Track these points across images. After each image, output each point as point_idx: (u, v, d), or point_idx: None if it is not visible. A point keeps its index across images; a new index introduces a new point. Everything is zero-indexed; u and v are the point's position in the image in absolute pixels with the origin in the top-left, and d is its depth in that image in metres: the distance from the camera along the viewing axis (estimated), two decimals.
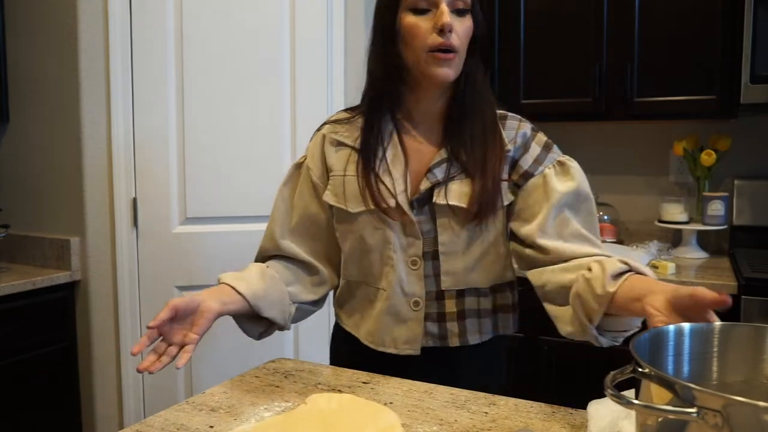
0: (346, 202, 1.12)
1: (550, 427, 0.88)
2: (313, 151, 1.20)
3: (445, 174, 1.09)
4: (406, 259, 1.11)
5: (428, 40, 1.03)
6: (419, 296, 1.11)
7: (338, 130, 1.17)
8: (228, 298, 1.09)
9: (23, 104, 2.26)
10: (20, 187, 2.31)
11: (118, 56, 2.10)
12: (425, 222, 1.10)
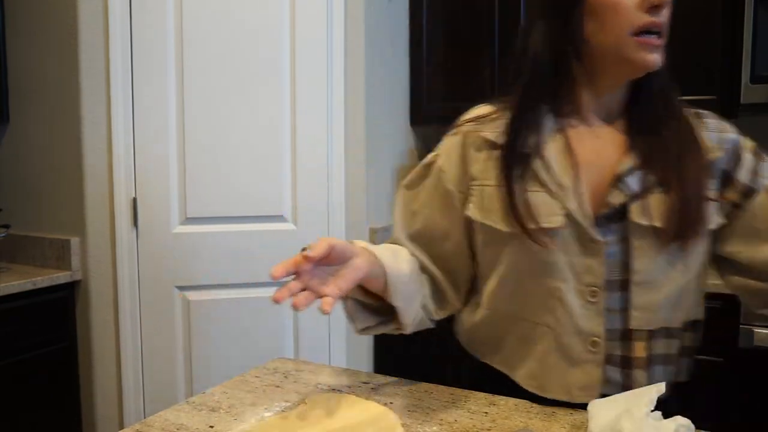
0: (497, 219, 0.91)
1: (550, 427, 0.88)
2: (450, 153, 0.98)
3: (641, 185, 0.87)
4: (581, 289, 0.89)
5: (634, 20, 0.84)
6: (597, 335, 0.89)
7: (484, 129, 0.95)
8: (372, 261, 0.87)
9: (23, 104, 2.26)
10: (20, 187, 2.31)
11: (118, 56, 2.10)
12: (611, 243, 0.88)
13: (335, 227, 2.32)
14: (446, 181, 0.98)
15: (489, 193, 0.92)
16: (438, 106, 2.66)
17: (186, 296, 2.21)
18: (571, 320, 0.90)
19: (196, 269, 2.20)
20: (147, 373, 2.21)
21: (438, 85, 2.65)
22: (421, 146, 2.84)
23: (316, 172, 2.27)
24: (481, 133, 0.95)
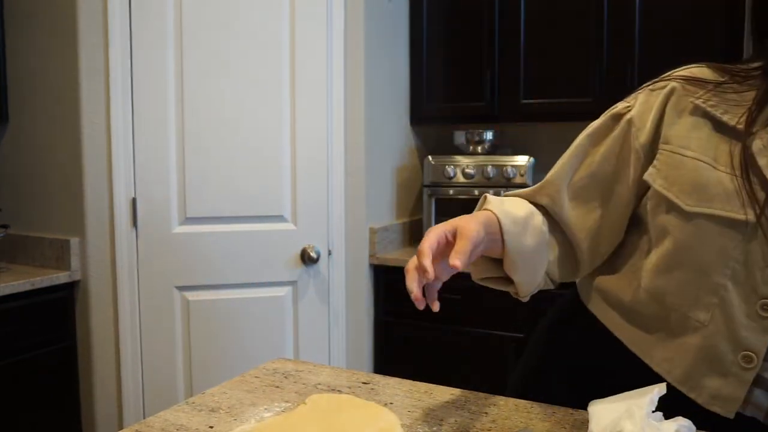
0: (680, 193, 0.82)
1: (550, 427, 0.88)
2: (647, 107, 0.88)
3: None
4: (752, 299, 0.78)
5: None
6: (757, 352, 0.78)
7: (700, 94, 0.84)
8: (492, 231, 0.83)
9: (23, 104, 2.26)
10: (20, 187, 2.31)
11: (118, 56, 2.10)
12: None
13: (335, 227, 2.33)
14: (634, 138, 0.88)
15: (679, 163, 0.83)
16: (438, 106, 2.66)
17: (186, 296, 2.21)
18: (728, 326, 0.80)
19: (196, 269, 2.20)
20: (147, 373, 2.21)
21: (438, 85, 2.65)
22: (421, 146, 2.84)
23: (316, 172, 2.27)
24: (693, 99, 0.84)
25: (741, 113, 0.80)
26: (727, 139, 0.81)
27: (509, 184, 2.46)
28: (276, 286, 2.26)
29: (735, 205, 0.78)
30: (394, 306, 2.44)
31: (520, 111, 2.49)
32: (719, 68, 0.87)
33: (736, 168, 0.79)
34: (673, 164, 0.83)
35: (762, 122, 0.79)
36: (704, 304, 0.81)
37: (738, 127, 0.80)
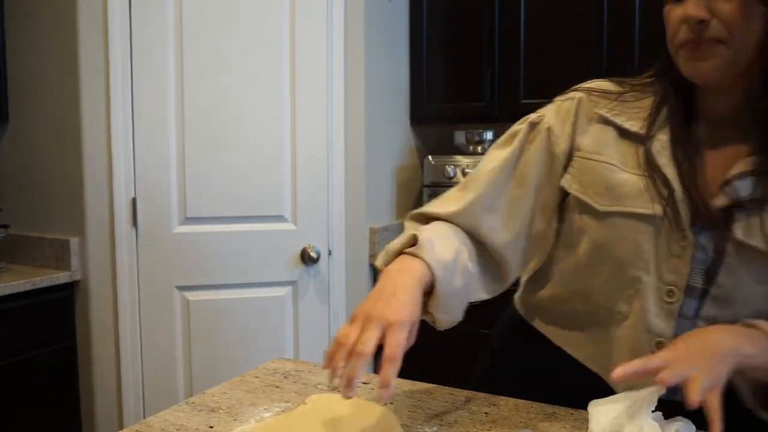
0: (594, 195, 0.89)
1: (550, 427, 0.88)
2: (560, 117, 0.95)
3: (752, 192, 0.79)
4: (660, 287, 0.85)
5: (677, 34, 0.82)
6: (666, 337, 0.85)
7: (605, 104, 0.92)
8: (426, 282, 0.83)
9: (23, 104, 2.26)
10: (20, 187, 2.31)
11: (118, 56, 2.10)
12: (704, 248, 0.83)
13: (335, 227, 2.33)
14: (555, 146, 0.94)
15: (591, 167, 0.90)
16: (438, 106, 2.66)
17: (186, 296, 2.21)
18: (641, 315, 0.87)
19: (196, 269, 2.20)
20: (147, 373, 2.21)
21: (438, 85, 2.65)
22: (421, 146, 2.84)
23: (316, 172, 2.27)
24: (598, 109, 0.92)
25: (641, 119, 0.88)
26: (631, 143, 0.88)
27: None
28: (276, 286, 2.26)
29: (644, 202, 0.85)
30: None
31: (520, 111, 2.45)
32: (620, 81, 0.95)
33: (642, 168, 0.86)
34: (585, 169, 0.91)
35: (659, 125, 0.87)
36: (625, 297, 0.89)
37: (640, 132, 0.88)
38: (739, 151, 0.83)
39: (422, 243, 0.84)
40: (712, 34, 0.78)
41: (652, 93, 0.90)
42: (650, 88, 0.91)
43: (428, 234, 0.87)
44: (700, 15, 0.78)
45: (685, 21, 0.80)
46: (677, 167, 0.83)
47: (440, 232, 0.90)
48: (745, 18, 0.77)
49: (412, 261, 0.84)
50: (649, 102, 0.89)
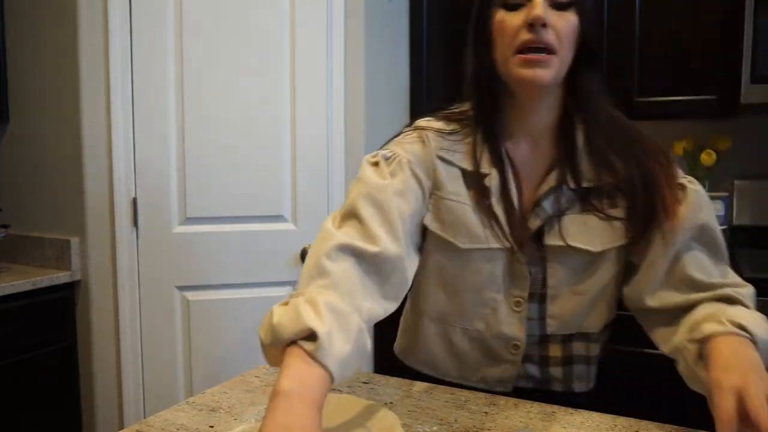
0: (455, 234, 0.96)
1: (550, 427, 0.88)
2: (417, 153, 0.97)
3: (554, 207, 0.94)
4: (509, 300, 0.98)
5: (516, 38, 0.88)
6: (519, 340, 1.00)
7: (443, 145, 0.98)
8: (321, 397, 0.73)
9: (23, 104, 2.26)
10: (20, 187, 2.31)
11: (118, 56, 2.10)
12: (533, 261, 0.96)
13: None
14: (420, 177, 0.96)
15: (450, 208, 0.97)
16: (438, 106, 2.66)
17: (186, 296, 2.21)
18: (498, 327, 1.00)
19: (196, 269, 2.20)
20: (147, 372, 2.21)
21: (438, 85, 2.65)
22: None
23: (316, 172, 2.27)
24: (442, 153, 0.98)
25: (471, 157, 0.96)
26: (471, 182, 0.96)
27: None
28: (276, 286, 2.26)
29: (495, 237, 0.95)
30: None
31: None
32: (445, 117, 1.02)
33: (482, 206, 0.95)
34: (444, 209, 0.97)
35: (486, 163, 0.95)
36: (480, 316, 1.00)
37: (473, 170, 0.96)
38: (545, 164, 0.96)
39: (322, 343, 0.72)
40: (549, 40, 0.86)
41: (471, 125, 0.98)
42: (468, 120, 0.99)
43: (327, 325, 0.74)
44: (545, 17, 0.85)
45: (533, 21, 0.85)
46: (505, 205, 0.94)
47: (338, 310, 0.77)
48: (572, 33, 0.88)
49: (310, 369, 0.72)
50: (471, 137, 0.97)
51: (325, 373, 0.73)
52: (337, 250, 0.84)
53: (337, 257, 0.84)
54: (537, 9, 0.85)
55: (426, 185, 0.97)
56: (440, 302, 1.03)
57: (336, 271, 0.82)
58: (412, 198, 0.94)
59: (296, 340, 0.73)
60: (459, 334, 1.03)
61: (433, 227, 0.98)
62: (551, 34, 0.87)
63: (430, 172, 0.97)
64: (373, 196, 0.91)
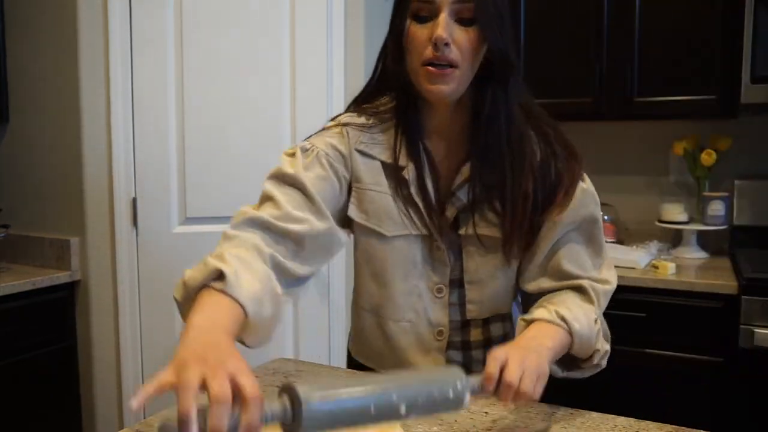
0: (380, 222, 1.02)
1: (550, 427, 0.88)
2: (336, 146, 1.02)
3: (468, 197, 1.00)
4: (431, 287, 1.04)
5: (422, 52, 0.93)
6: (443, 325, 1.05)
7: (362, 139, 1.03)
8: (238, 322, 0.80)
9: (23, 104, 2.26)
10: (20, 187, 2.31)
11: (118, 56, 2.10)
12: (451, 248, 1.03)
13: None
14: (337, 169, 1.00)
15: (371, 198, 1.02)
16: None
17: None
18: (425, 314, 1.05)
19: None
20: (147, 372, 2.21)
21: None
22: None
23: None
24: (361, 146, 1.02)
25: (390, 149, 1.01)
26: (391, 173, 1.01)
27: None
28: None
29: (415, 224, 1.01)
30: None
31: None
32: (366, 112, 1.05)
33: (401, 196, 1.01)
34: (366, 199, 1.02)
35: (404, 156, 1.00)
36: (410, 305, 1.04)
37: (392, 162, 1.01)
38: (459, 157, 1.02)
39: (229, 279, 0.76)
40: (451, 57, 0.91)
41: (392, 120, 1.02)
42: (389, 115, 1.03)
43: (233, 265, 0.78)
44: (447, 37, 0.90)
45: (436, 40, 0.90)
46: (423, 194, 1.00)
47: (244, 258, 0.82)
48: (474, 47, 0.93)
49: (220, 302, 0.76)
50: (391, 132, 1.02)
51: (236, 305, 0.76)
52: (244, 222, 0.90)
53: (245, 228, 0.89)
54: (440, 29, 0.90)
55: (343, 178, 1.01)
56: (373, 294, 1.07)
57: (243, 235, 0.88)
58: (328, 188, 0.98)
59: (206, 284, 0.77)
60: (392, 327, 1.06)
61: (359, 218, 1.02)
62: (453, 51, 0.92)
63: (348, 165, 1.02)
64: (286, 179, 0.97)
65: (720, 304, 1.94)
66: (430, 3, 0.91)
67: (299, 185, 0.96)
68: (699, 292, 1.96)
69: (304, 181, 0.96)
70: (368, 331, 1.10)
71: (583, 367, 0.99)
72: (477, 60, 0.95)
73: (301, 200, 0.95)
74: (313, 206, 0.95)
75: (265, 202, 0.96)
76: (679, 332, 1.99)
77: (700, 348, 1.97)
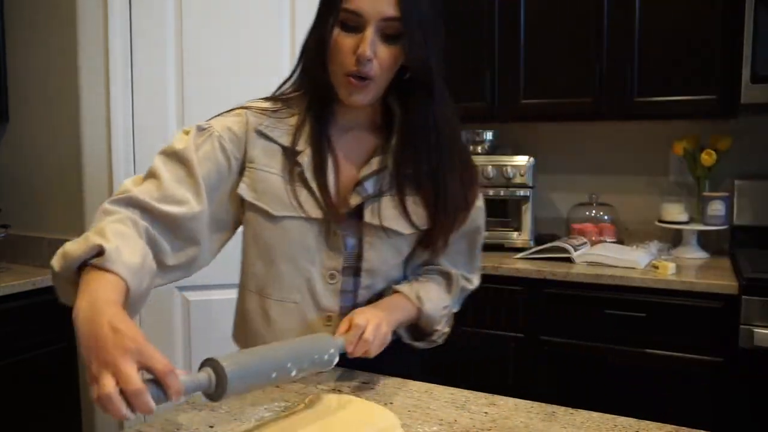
0: (269, 202, 1.03)
1: (550, 427, 0.88)
2: (232, 128, 1.04)
3: (375, 188, 1.05)
4: (324, 272, 1.06)
5: (346, 63, 0.97)
6: (333, 311, 1.07)
7: (264, 122, 1.05)
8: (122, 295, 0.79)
9: (23, 104, 2.27)
10: (20, 187, 2.31)
11: (118, 56, 2.10)
12: (350, 236, 1.06)
13: None
14: (229, 150, 1.02)
15: (263, 178, 1.03)
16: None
17: (186, 296, 2.21)
18: (313, 298, 1.06)
19: None
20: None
21: None
22: None
23: None
24: (261, 128, 1.04)
25: (291, 135, 1.04)
26: (288, 156, 1.03)
27: (509, 184, 2.46)
28: None
29: (307, 207, 1.03)
30: None
31: (520, 111, 2.49)
32: (273, 98, 1.10)
33: (296, 179, 1.03)
34: (258, 179, 1.03)
35: (304, 141, 1.03)
36: (296, 287, 1.06)
37: (290, 147, 1.03)
38: (368, 150, 1.07)
39: (111, 255, 0.78)
40: (371, 73, 0.96)
41: (298, 108, 1.06)
42: (297, 102, 1.07)
43: (114, 242, 0.80)
44: (372, 55, 0.95)
45: (360, 57, 0.94)
46: (318, 180, 1.02)
47: (124, 233, 0.85)
48: (394, 63, 0.99)
49: (104, 277, 0.77)
50: (295, 116, 1.06)
51: (118, 278, 0.78)
52: (124, 201, 0.92)
53: (124, 206, 0.92)
54: (365, 47, 0.94)
55: (234, 158, 1.03)
56: (259, 272, 1.08)
57: (122, 211, 0.90)
58: (214, 168, 1.00)
59: (87, 261, 0.80)
60: (276, 307, 1.07)
61: (248, 196, 1.04)
62: (375, 67, 0.97)
63: (242, 146, 1.04)
64: (175, 155, 0.98)
65: (720, 304, 1.94)
66: (359, 16, 0.95)
67: (186, 162, 0.98)
68: (699, 292, 1.96)
69: (191, 158, 0.98)
70: (251, 314, 1.10)
71: (425, 340, 1.14)
72: (394, 71, 1.00)
73: (184, 178, 0.97)
74: (195, 186, 0.97)
75: (150, 178, 0.97)
76: (679, 332, 1.99)
77: (700, 348, 1.97)
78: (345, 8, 0.96)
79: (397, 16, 0.95)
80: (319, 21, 1.04)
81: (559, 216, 2.74)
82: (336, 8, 0.98)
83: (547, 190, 2.77)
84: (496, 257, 2.34)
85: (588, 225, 2.51)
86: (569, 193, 2.72)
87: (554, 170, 2.75)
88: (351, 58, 0.96)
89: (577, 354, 2.11)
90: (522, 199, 2.46)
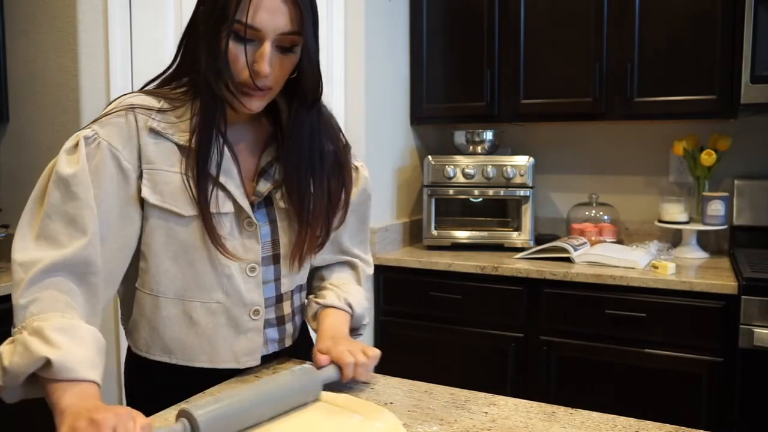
0: (176, 202, 0.98)
1: (550, 427, 0.88)
2: (120, 132, 0.96)
3: (280, 174, 1.06)
4: (244, 267, 1.03)
5: (242, 75, 0.94)
6: (259, 304, 1.05)
7: (156, 120, 0.98)
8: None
9: (23, 104, 2.26)
10: (20, 187, 2.31)
11: (118, 56, 2.10)
12: (263, 225, 1.05)
13: None
14: (122, 159, 0.96)
15: (166, 179, 0.98)
16: (438, 106, 2.66)
17: None
18: (238, 294, 1.03)
19: None
20: None
21: (438, 85, 2.65)
22: (421, 146, 2.84)
23: None
24: (153, 125, 0.98)
25: (185, 131, 0.99)
26: (186, 154, 0.99)
27: (509, 184, 2.46)
28: None
29: (218, 203, 1.00)
30: (394, 306, 2.44)
31: (520, 111, 2.49)
32: (154, 93, 1.02)
33: (199, 175, 0.98)
34: (159, 180, 0.98)
35: (200, 137, 0.98)
36: (218, 285, 1.02)
37: (188, 144, 0.98)
38: (263, 138, 1.08)
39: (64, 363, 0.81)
40: (268, 83, 0.96)
41: (187, 103, 1.00)
42: (184, 97, 1.01)
43: (60, 346, 0.81)
44: (268, 73, 0.94)
45: (257, 74, 0.94)
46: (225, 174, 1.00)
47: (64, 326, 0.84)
48: (288, 72, 0.99)
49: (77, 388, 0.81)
50: (187, 113, 1.00)
51: (83, 382, 0.81)
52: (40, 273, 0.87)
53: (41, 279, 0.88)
54: (263, 64, 0.93)
55: (128, 164, 0.96)
56: (175, 277, 1.00)
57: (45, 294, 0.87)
58: (107, 181, 0.94)
59: (37, 375, 0.82)
60: (200, 309, 1.02)
61: (154, 199, 0.97)
62: (270, 79, 0.96)
63: (135, 149, 0.97)
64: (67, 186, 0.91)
65: (720, 304, 1.95)
66: (257, 30, 0.92)
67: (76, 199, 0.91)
68: (699, 292, 1.96)
69: (79, 192, 0.91)
70: (170, 321, 1.02)
71: (354, 336, 1.19)
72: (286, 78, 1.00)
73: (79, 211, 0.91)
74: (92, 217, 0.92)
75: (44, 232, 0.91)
76: (678, 332, 1.99)
77: (699, 348, 1.97)
78: (240, 21, 0.92)
79: (296, 30, 0.95)
80: (208, 28, 0.95)
81: (559, 216, 2.74)
82: (228, 18, 0.92)
83: (547, 190, 2.77)
84: (496, 257, 2.34)
85: (588, 225, 2.51)
86: (569, 193, 2.72)
87: (554, 170, 2.75)
88: (246, 71, 0.94)
89: (577, 354, 2.11)
90: (522, 199, 2.46)
